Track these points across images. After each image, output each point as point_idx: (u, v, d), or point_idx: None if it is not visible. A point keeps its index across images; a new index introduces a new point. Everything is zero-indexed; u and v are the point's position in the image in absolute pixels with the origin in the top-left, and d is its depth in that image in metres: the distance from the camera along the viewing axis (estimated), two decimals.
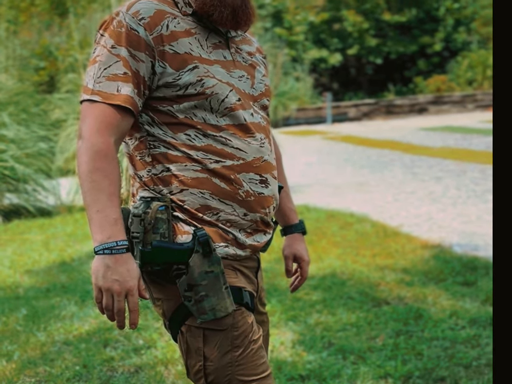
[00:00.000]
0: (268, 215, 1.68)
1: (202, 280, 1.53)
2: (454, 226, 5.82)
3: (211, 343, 1.58)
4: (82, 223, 6.92)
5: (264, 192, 1.64)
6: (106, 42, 1.53)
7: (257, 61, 1.73)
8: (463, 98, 22.03)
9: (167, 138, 1.58)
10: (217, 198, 1.58)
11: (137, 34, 1.52)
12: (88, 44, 8.91)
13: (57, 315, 3.93)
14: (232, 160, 1.58)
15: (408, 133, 15.37)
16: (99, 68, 1.52)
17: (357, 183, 8.62)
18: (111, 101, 1.50)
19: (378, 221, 6.13)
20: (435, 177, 8.62)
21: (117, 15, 1.55)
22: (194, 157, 1.57)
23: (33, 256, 5.49)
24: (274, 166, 1.69)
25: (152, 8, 1.55)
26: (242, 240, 1.63)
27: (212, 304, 1.54)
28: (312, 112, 21.11)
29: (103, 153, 1.48)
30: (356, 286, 4.16)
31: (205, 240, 1.54)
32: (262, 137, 1.64)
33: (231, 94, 1.59)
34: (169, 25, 1.56)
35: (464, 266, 4.43)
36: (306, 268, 1.93)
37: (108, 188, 1.47)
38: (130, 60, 1.52)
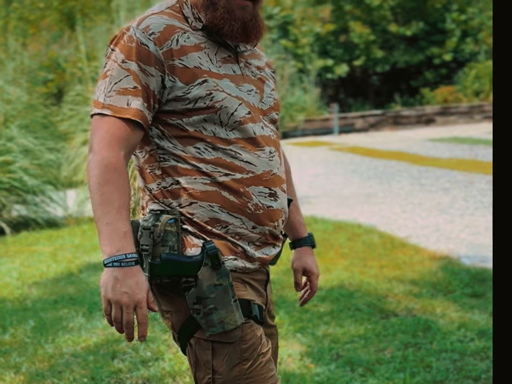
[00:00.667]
0: (277, 228, 1.68)
1: (211, 293, 1.54)
2: (462, 237, 5.80)
3: (220, 356, 1.57)
4: (90, 234, 6.93)
5: (273, 205, 1.64)
6: (117, 57, 1.55)
7: (266, 75, 1.74)
8: (470, 109, 22.00)
9: (177, 152, 1.59)
10: (226, 211, 1.59)
11: (147, 49, 1.54)
12: (95, 56, 8.96)
13: (65, 327, 3.93)
14: (241, 173, 1.59)
15: (415, 143, 15.35)
16: (110, 82, 1.53)
17: (364, 194, 8.61)
18: (121, 114, 1.52)
19: (386, 232, 6.12)
20: (442, 188, 8.60)
21: (128, 30, 1.57)
22: (203, 170, 1.58)
23: (41, 267, 5.50)
24: (283, 180, 1.69)
25: (162, 23, 1.57)
26: (251, 253, 1.63)
27: (220, 317, 1.54)
28: (319, 123, 21.13)
29: (113, 167, 1.49)
30: (363, 297, 4.15)
31: (213, 253, 1.54)
32: (271, 151, 1.65)
33: (240, 107, 1.60)
34: (179, 40, 1.57)
35: (472, 278, 4.41)
36: (315, 281, 1.92)
37: (117, 200, 1.48)
38: (141, 74, 1.53)
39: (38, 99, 9.38)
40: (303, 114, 20.52)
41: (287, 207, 1.72)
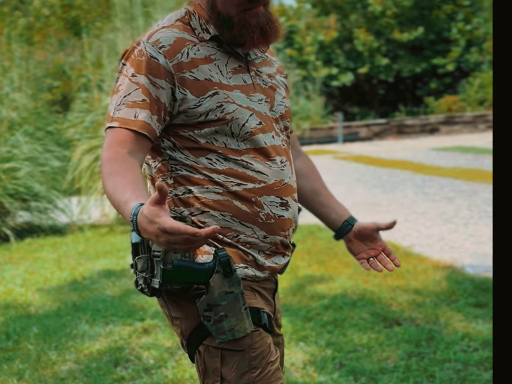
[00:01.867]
0: (288, 238, 1.69)
1: (222, 301, 1.54)
2: (466, 247, 5.79)
3: (229, 364, 1.58)
4: (94, 241, 6.95)
5: (284, 215, 1.65)
6: (127, 71, 1.56)
7: (277, 82, 1.74)
8: (474, 118, 22.00)
9: (189, 162, 1.60)
10: (238, 220, 1.60)
11: (157, 62, 1.54)
12: (101, 64, 9.00)
13: (68, 334, 3.93)
14: (253, 183, 1.60)
15: (419, 153, 15.35)
16: (119, 96, 1.55)
17: (368, 203, 8.61)
18: (128, 126, 1.53)
19: (390, 241, 6.11)
20: (446, 197, 8.59)
21: (138, 45, 1.58)
22: (216, 179, 1.59)
23: (45, 274, 5.51)
24: (295, 189, 1.70)
25: (172, 36, 1.58)
26: (261, 262, 1.64)
27: (231, 325, 1.54)
28: (324, 131, 21.15)
29: (112, 159, 1.49)
30: (367, 306, 4.14)
31: (226, 261, 1.54)
32: (282, 160, 1.66)
33: (251, 118, 1.60)
34: (189, 53, 1.58)
35: (476, 288, 4.40)
36: None
37: (121, 182, 1.45)
38: (150, 88, 1.54)
39: (43, 106, 9.41)
40: (308, 123, 20.55)
41: (297, 216, 1.73)
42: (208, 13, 1.62)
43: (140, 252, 1.59)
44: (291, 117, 1.78)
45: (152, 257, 1.55)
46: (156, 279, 1.54)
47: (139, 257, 1.58)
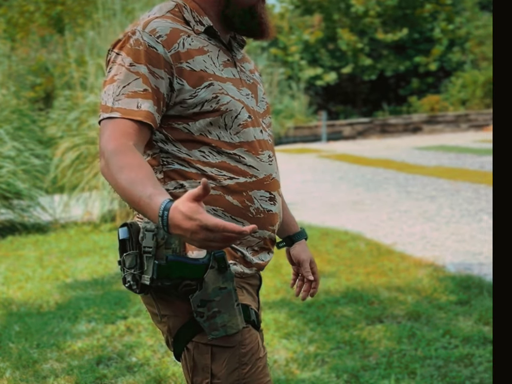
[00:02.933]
0: (275, 232, 1.70)
1: (216, 296, 1.53)
2: (448, 245, 5.84)
3: (219, 360, 1.57)
4: (77, 239, 6.91)
5: (272, 209, 1.66)
6: (124, 60, 1.53)
7: (257, 79, 1.76)
8: (456, 118, 22.16)
9: (182, 155, 1.58)
10: (229, 215, 1.59)
11: (156, 51, 1.52)
12: (84, 61, 8.95)
13: (50, 332, 3.91)
14: (245, 177, 1.60)
15: (402, 151, 15.44)
16: (118, 86, 1.51)
17: (352, 201, 8.65)
18: (132, 116, 1.48)
19: (372, 239, 6.15)
20: (429, 196, 8.65)
21: (134, 34, 1.54)
22: (208, 173, 1.58)
23: (26, 272, 5.48)
24: (279, 184, 1.71)
25: (168, 26, 1.57)
26: (249, 259, 1.64)
27: (223, 321, 1.54)
28: (308, 130, 21.20)
29: (121, 152, 1.45)
30: (349, 304, 4.16)
31: (220, 256, 1.54)
32: (270, 155, 1.67)
33: (243, 111, 1.61)
34: (185, 44, 1.57)
35: (457, 285, 4.44)
36: (318, 272, 1.93)
37: (138, 177, 1.40)
38: (150, 77, 1.52)
39: (25, 104, 9.35)
40: (292, 122, 20.58)
41: (281, 211, 1.74)
42: (196, 2, 1.62)
43: (128, 248, 1.58)
44: (271, 114, 1.79)
45: (142, 254, 1.54)
46: (146, 275, 1.53)
47: (127, 253, 1.57)
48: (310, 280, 1.91)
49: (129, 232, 1.57)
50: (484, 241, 5.86)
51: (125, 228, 1.58)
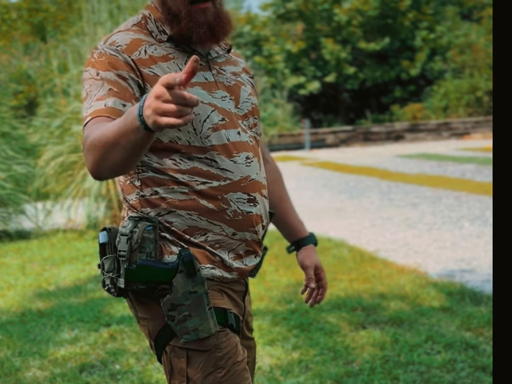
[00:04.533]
0: (258, 233, 1.69)
1: (186, 300, 1.55)
2: (430, 251, 5.88)
3: (194, 364, 1.58)
4: (60, 247, 6.88)
5: (252, 211, 1.66)
6: (91, 73, 1.57)
7: (243, 80, 1.75)
8: (438, 126, 22.35)
9: (153, 164, 1.61)
10: (205, 218, 1.61)
11: (117, 58, 1.56)
12: (67, 69, 8.92)
13: (33, 340, 3.89)
14: (218, 181, 1.61)
15: (385, 159, 15.54)
16: (89, 97, 1.54)
17: (335, 208, 8.69)
18: (98, 114, 1.50)
19: (356, 246, 6.18)
20: (411, 203, 8.71)
21: (96, 49, 1.61)
22: (180, 179, 1.59)
23: (9, 280, 5.44)
24: (263, 185, 1.70)
25: (128, 38, 1.61)
26: (229, 263, 1.65)
27: (194, 325, 1.55)
28: (291, 138, 21.26)
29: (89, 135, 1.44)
30: (333, 310, 4.18)
31: (189, 260, 1.56)
32: (248, 156, 1.66)
33: (213, 114, 1.61)
34: (147, 51, 1.60)
35: (439, 292, 4.48)
36: (325, 279, 1.94)
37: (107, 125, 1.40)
38: (117, 79, 1.54)
39: (7, 111, 9.29)
40: (276, 129, 20.64)
41: (268, 212, 1.73)
42: (161, 11, 1.65)
43: (107, 252, 1.61)
44: (259, 114, 1.78)
45: (118, 257, 1.57)
46: (121, 278, 1.56)
47: (106, 257, 1.60)
48: (318, 287, 1.92)
49: (108, 236, 1.61)
50: (465, 248, 5.91)
51: (105, 232, 1.62)
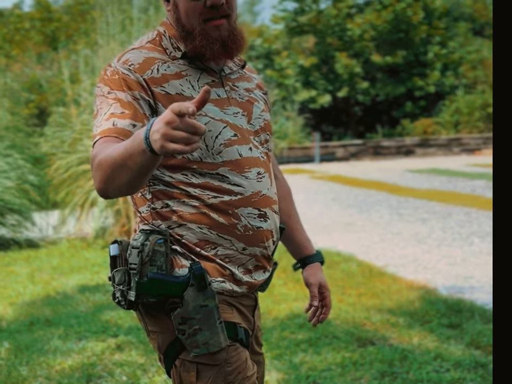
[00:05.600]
0: (268, 249, 1.69)
1: (196, 314, 1.55)
2: (439, 267, 5.85)
3: (204, 378, 1.58)
4: (68, 256, 6.89)
5: (263, 226, 1.66)
6: (102, 90, 1.58)
7: (256, 96, 1.76)
8: (449, 141, 22.30)
9: (165, 178, 1.61)
10: (215, 232, 1.61)
11: (130, 77, 1.58)
12: (79, 79, 8.97)
13: (40, 349, 3.88)
14: (230, 195, 1.61)
15: (394, 174, 15.50)
16: (99, 115, 1.56)
17: (344, 222, 8.66)
18: (107, 134, 1.51)
19: (364, 260, 6.15)
20: (421, 218, 8.68)
21: (110, 66, 1.62)
22: (192, 193, 1.60)
23: (17, 288, 5.45)
24: (274, 200, 1.71)
25: (141, 56, 1.62)
26: (239, 277, 1.65)
27: (205, 339, 1.55)
28: (301, 151, 21.28)
29: (96, 155, 1.45)
30: (341, 325, 4.16)
31: (200, 274, 1.56)
32: (260, 172, 1.66)
33: (225, 130, 1.62)
34: (160, 69, 1.61)
35: (449, 309, 4.44)
36: (330, 297, 1.92)
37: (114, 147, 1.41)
38: (128, 99, 1.55)
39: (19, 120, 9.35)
40: (286, 142, 20.67)
41: (278, 227, 1.73)
42: (175, 28, 1.66)
43: (118, 264, 1.61)
44: (271, 130, 1.79)
45: (129, 270, 1.57)
46: (132, 291, 1.56)
47: (117, 270, 1.61)
48: (322, 306, 1.91)
49: (119, 249, 1.61)
50: (475, 265, 5.87)
51: (116, 244, 1.63)
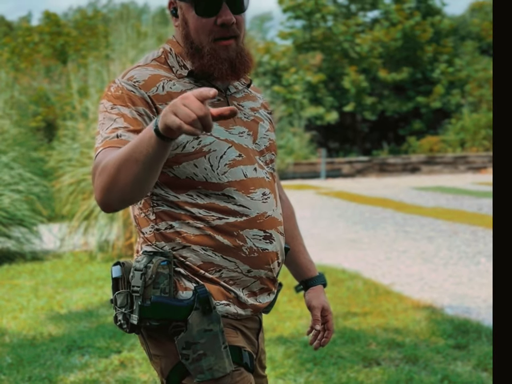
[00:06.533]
0: (273, 271, 1.67)
1: (201, 338, 1.52)
2: (446, 287, 5.80)
3: None
4: (73, 269, 6.87)
5: (268, 248, 1.63)
6: (105, 106, 1.56)
7: (261, 116, 1.74)
8: (455, 159, 22.28)
9: (170, 198, 1.59)
10: (220, 254, 1.58)
11: (134, 93, 1.55)
12: (87, 93, 9.00)
13: (43, 364, 3.85)
14: (235, 217, 1.58)
15: (400, 191, 15.46)
16: (102, 130, 1.53)
17: (350, 239, 8.62)
18: (110, 144, 1.49)
19: (370, 278, 6.11)
20: (427, 236, 8.63)
21: (114, 83, 1.60)
22: (196, 214, 1.58)
23: (21, 302, 5.42)
24: (280, 221, 1.68)
25: (147, 73, 1.60)
26: (243, 300, 1.62)
27: (209, 364, 1.52)
28: (307, 167, 21.28)
29: (99, 162, 1.44)
30: (346, 345, 4.12)
31: (205, 298, 1.53)
32: (266, 192, 1.64)
33: (229, 150, 1.60)
34: (165, 87, 1.59)
35: (455, 329, 4.39)
36: (332, 321, 1.89)
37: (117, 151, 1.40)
38: (132, 114, 1.53)
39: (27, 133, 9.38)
40: (292, 158, 20.68)
41: (284, 249, 1.71)
42: (183, 45, 1.64)
43: (120, 286, 1.58)
44: (276, 150, 1.76)
45: (132, 293, 1.54)
46: (134, 315, 1.53)
47: (119, 292, 1.58)
48: (324, 329, 1.87)
49: (121, 270, 1.58)
50: (482, 285, 5.82)
51: (118, 266, 1.60)
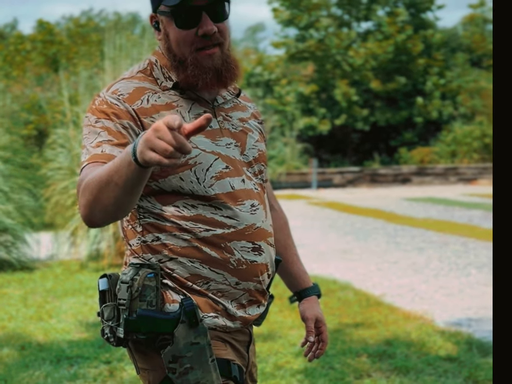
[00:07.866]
0: (263, 283, 1.65)
1: (188, 352, 1.50)
2: (436, 298, 5.80)
3: None
4: (63, 278, 6.83)
5: (257, 260, 1.61)
6: (90, 120, 1.55)
7: (250, 126, 1.71)
8: (445, 171, 22.37)
9: (156, 210, 1.58)
10: (207, 266, 1.57)
11: (118, 107, 1.54)
12: (78, 101, 8.98)
13: (31, 375, 3.82)
14: (222, 228, 1.57)
15: (391, 202, 15.50)
16: (87, 143, 1.52)
17: (341, 250, 8.62)
18: (95, 159, 1.47)
19: (361, 289, 6.10)
20: (418, 247, 8.65)
21: (98, 96, 1.59)
22: (183, 226, 1.56)
23: (10, 311, 5.38)
24: (270, 233, 1.66)
25: (131, 86, 1.59)
26: (232, 312, 1.60)
27: (197, 377, 1.50)
28: (298, 177, 21.31)
29: (83, 178, 1.43)
30: (337, 356, 4.10)
31: (191, 310, 1.51)
32: (253, 204, 1.62)
33: (216, 162, 1.58)
34: (150, 100, 1.57)
35: (446, 341, 4.39)
36: (326, 332, 1.87)
37: (102, 167, 1.39)
38: (116, 128, 1.52)
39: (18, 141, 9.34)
40: (283, 168, 20.71)
41: (273, 261, 1.68)
42: (167, 58, 1.62)
43: (107, 299, 1.56)
44: (266, 161, 1.74)
45: (118, 306, 1.52)
46: (121, 328, 1.51)
47: (106, 305, 1.56)
48: (319, 341, 1.86)
49: (108, 283, 1.57)
50: (472, 296, 5.83)
51: (105, 278, 1.58)
